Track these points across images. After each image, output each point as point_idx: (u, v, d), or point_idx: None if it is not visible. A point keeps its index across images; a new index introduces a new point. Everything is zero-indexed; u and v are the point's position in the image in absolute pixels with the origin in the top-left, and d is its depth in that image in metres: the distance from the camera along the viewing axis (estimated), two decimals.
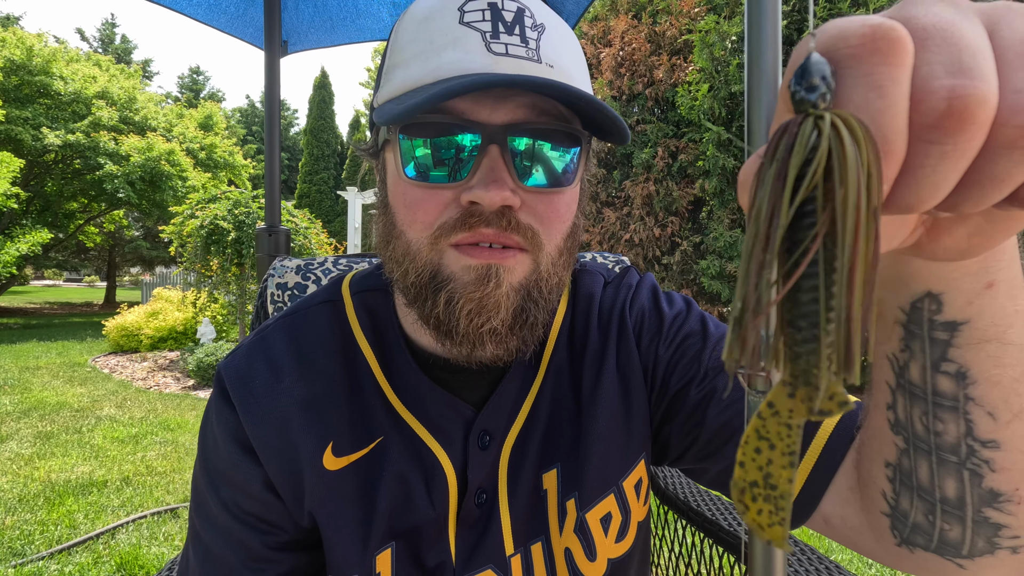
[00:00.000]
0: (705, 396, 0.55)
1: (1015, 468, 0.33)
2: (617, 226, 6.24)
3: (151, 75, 28.67)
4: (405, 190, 0.49)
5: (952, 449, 0.34)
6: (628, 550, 0.60)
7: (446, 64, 0.45)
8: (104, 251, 18.24)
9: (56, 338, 8.81)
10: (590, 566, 0.58)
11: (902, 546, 0.41)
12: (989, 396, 0.32)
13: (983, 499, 0.35)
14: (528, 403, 0.60)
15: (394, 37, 0.51)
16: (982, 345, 0.31)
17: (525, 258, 0.49)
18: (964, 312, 0.31)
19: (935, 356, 0.32)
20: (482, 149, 0.46)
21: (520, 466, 0.59)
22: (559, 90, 0.43)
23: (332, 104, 21.30)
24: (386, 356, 0.59)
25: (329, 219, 19.26)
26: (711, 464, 0.56)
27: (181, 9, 1.57)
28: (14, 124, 10.80)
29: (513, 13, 0.47)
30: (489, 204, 0.45)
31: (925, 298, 0.31)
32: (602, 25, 6.72)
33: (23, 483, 3.07)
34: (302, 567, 0.58)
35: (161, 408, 4.68)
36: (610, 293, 0.65)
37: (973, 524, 0.35)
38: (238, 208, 6.01)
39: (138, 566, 2.26)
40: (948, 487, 0.35)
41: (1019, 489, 0.34)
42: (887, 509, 0.41)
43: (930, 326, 0.32)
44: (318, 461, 0.55)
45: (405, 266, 0.50)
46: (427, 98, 0.41)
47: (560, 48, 0.49)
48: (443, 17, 0.47)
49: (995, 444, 0.33)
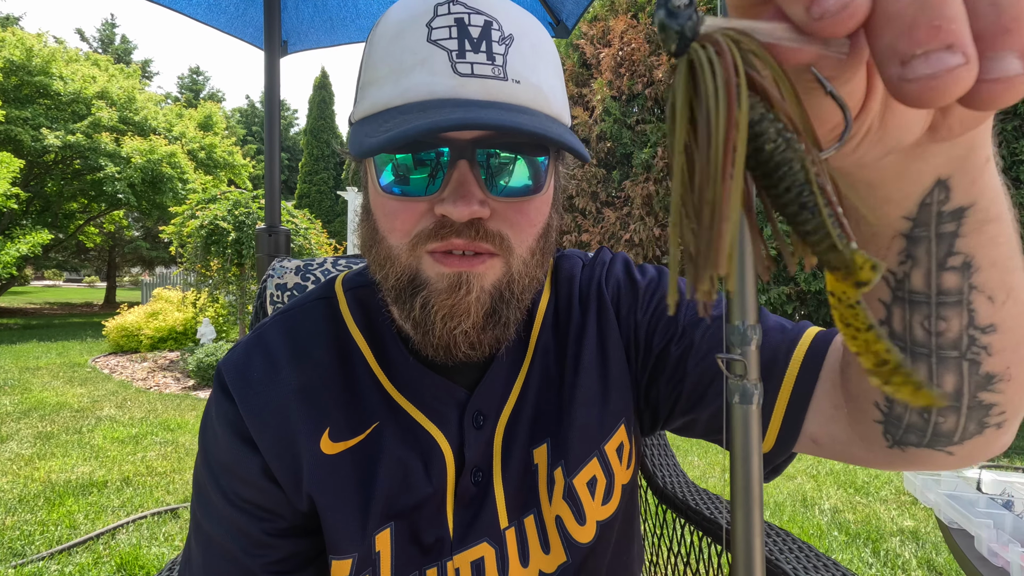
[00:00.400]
0: (684, 350, 0.60)
1: (1008, 347, 0.36)
2: (617, 226, 6.24)
3: (151, 75, 28.63)
4: (383, 201, 0.52)
5: (953, 344, 0.36)
6: (614, 512, 0.64)
7: (414, 87, 0.47)
8: (104, 251, 18.25)
9: (56, 338, 8.81)
10: (580, 530, 0.62)
11: (894, 447, 0.43)
12: (990, 280, 0.34)
13: (979, 385, 0.37)
14: (518, 383, 0.63)
15: (368, 51, 0.53)
16: (984, 227, 0.32)
17: (496, 262, 0.52)
18: (969, 194, 0.32)
19: (942, 253, 0.33)
20: (451, 164, 0.48)
21: (512, 443, 0.62)
22: (509, 130, 0.43)
23: (332, 104, 21.31)
24: (380, 346, 0.62)
25: (329, 219, 19.28)
26: (699, 411, 0.59)
27: (181, 9, 1.57)
28: (14, 124, 10.80)
29: (480, 28, 0.48)
30: (458, 218, 0.48)
31: (934, 189, 0.32)
32: (601, 25, 6.72)
33: (23, 483, 3.07)
34: (300, 552, 0.60)
35: (161, 408, 4.69)
36: (587, 272, 0.70)
37: (968, 411, 0.38)
38: (238, 208, 6.01)
39: (138, 566, 2.26)
40: (947, 382, 0.37)
41: (1010, 367, 0.36)
42: (880, 417, 0.43)
43: (938, 220, 0.33)
44: (315, 446, 0.58)
45: (387, 270, 0.54)
46: (389, 138, 0.43)
47: (530, 59, 0.50)
48: (412, 34, 0.48)
49: (993, 328, 0.35)
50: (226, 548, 0.58)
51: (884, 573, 2.31)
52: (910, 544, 2.56)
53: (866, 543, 2.57)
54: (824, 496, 3.09)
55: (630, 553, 0.70)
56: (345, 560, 0.58)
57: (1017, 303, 0.35)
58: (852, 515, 2.87)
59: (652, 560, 1.16)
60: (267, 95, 1.50)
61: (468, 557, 0.60)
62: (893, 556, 2.45)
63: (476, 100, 0.46)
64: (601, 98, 6.58)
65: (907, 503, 3.00)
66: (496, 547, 0.61)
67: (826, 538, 2.62)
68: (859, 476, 3.38)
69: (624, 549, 0.69)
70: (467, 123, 0.42)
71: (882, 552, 2.48)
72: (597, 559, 0.64)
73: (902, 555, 2.46)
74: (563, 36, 1.70)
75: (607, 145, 6.63)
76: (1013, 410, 0.39)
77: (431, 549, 0.60)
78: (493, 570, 0.60)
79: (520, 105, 0.48)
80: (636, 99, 6.29)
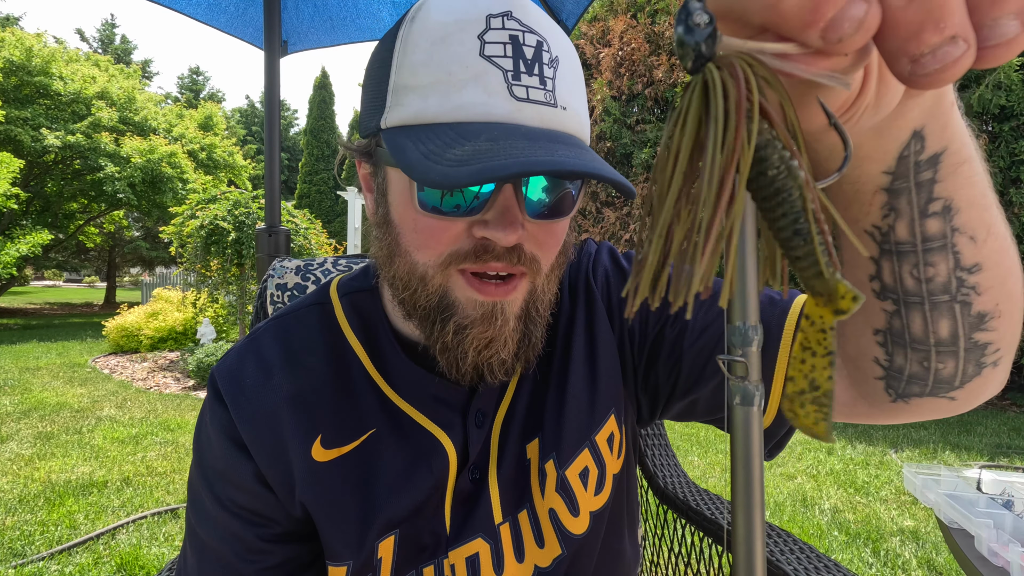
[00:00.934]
0: (679, 332, 0.60)
1: (995, 284, 0.37)
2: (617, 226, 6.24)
3: (151, 75, 28.61)
4: (416, 217, 0.49)
5: (943, 288, 0.37)
6: (606, 502, 0.64)
7: (468, 105, 0.45)
8: (104, 252, 18.24)
9: (56, 339, 8.80)
10: (574, 521, 0.62)
11: (897, 401, 0.44)
12: (969, 219, 0.35)
13: (973, 325, 0.38)
14: (514, 381, 0.64)
15: (402, 49, 0.48)
16: (959, 168, 0.34)
17: (525, 283, 0.52)
18: (942, 139, 0.33)
19: (922, 201, 0.35)
20: (498, 187, 0.47)
21: (507, 439, 0.62)
22: (579, 174, 0.42)
23: (332, 104, 21.29)
24: (377, 351, 0.62)
25: (329, 219, 19.27)
26: (698, 390, 0.60)
27: (181, 9, 1.57)
28: (13, 125, 10.79)
29: (533, 48, 0.47)
30: (504, 244, 0.47)
31: (911, 141, 0.33)
32: (601, 25, 6.72)
33: (23, 484, 3.07)
34: (295, 558, 0.60)
35: (161, 408, 4.68)
36: (574, 264, 0.70)
37: (965, 353, 0.39)
38: (238, 208, 6.01)
39: (138, 566, 2.26)
40: (942, 328, 0.39)
41: (999, 304, 0.38)
42: (880, 373, 0.44)
43: (916, 169, 0.34)
44: (307, 454, 0.57)
45: (414, 288, 0.52)
46: (477, 172, 0.40)
47: (571, 83, 0.49)
48: (462, 43, 0.45)
49: (978, 267, 0.36)
50: (221, 554, 0.58)
51: (884, 573, 2.31)
52: (910, 544, 2.56)
53: (866, 543, 2.57)
54: (824, 496, 3.09)
55: (625, 544, 0.70)
56: (342, 567, 0.58)
57: (997, 239, 0.36)
58: (852, 515, 2.87)
59: (653, 560, 1.16)
60: (267, 95, 1.50)
61: (463, 553, 0.60)
62: (893, 556, 2.45)
63: (535, 129, 0.45)
64: (601, 98, 6.58)
65: (907, 503, 3.00)
66: (491, 542, 0.61)
67: (826, 538, 2.62)
68: (859, 476, 3.38)
69: (615, 538, 0.69)
70: (555, 168, 0.41)
71: (882, 552, 2.48)
72: (591, 551, 0.64)
73: (902, 555, 2.46)
74: None
75: (607, 145, 6.64)
76: (1007, 346, 0.40)
77: (428, 547, 0.60)
78: (488, 565, 0.60)
79: (571, 135, 0.48)
80: (636, 99, 6.29)
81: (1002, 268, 0.37)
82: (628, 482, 0.70)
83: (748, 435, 0.25)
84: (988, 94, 4.90)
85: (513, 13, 0.47)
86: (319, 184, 20.13)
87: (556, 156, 0.42)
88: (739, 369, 0.28)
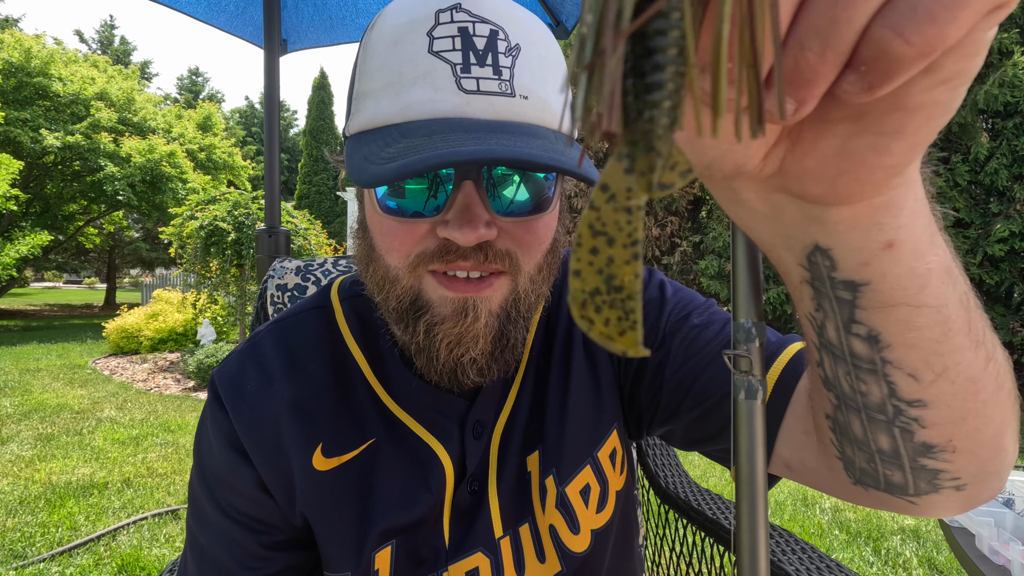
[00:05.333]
0: (662, 359, 0.58)
1: (946, 422, 0.32)
2: None
3: (150, 76, 28.56)
4: (380, 219, 0.50)
5: (879, 408, 0.32)
6: (609, 519, 0.63)
7: (415, 103, 0.44)
8: (104, 253, 18.25)
9: (56, 340, 8.80)
10: (575, 539, 0.61)
11: (857, 485, 0.41)
12: (907, 359, 0.29)
13: (917, 451, 0.34)
14: (514, 390, 0.62)
15: (362, 57, 0.49)
16: (890, 310, 0.28)
17: (504, 281, 0.50)
18: (861, 274, 0.27)
19: (844, 317, 0.29)
20: (456, 184, 0.46)
21: (507, 451, 0.61)
22: (520, 162, 0.41)
23: (331, 105, 21.31)
24: (377, 358, 0.60)
25: (329, 220, 19.28)
26: (674, 423, 0.58)
27: (181, 8, 1.57)
28: (13, 126, 10.80)
29: (485, 38, 0.45)
30: (464, 243, 0.46)
31: (816, 251, 0.27)
32: None
33: (24, 485, 3.07)
34: (296, 565, 0.59)
35: (162, 410, 4.68)
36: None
37: (912, 471, 0.35)
38: (238, 209, 6.01)
39: (139, 567, 2.26)
40: (881, 441, 0.34)
41: (952, 440, 0.33)
42: (837, 454, 0.40)
43: (831, 284, 0.28)
44: (307, 462, 0.56)
45: (386, 290, 0.52)
46: (395, 170, 0.40)
47: (538, 71, 0.47)
48: (412, 43, 0.45)
49: (921, 403, 0.31)
50: (221, 560, 0.57)
51: (885, 572, 2.31)
52: (911, 543, 2.56)
53: (867, 542, 2.57)
54: (824, 495, 3.09)
55: (631, 560, 0.69)
56: None
57: (954, 382, 0.30)
58: (853, 514, 2.87)
59: (655, 560, 1.16)
60: (267, 94, 1.50)
61: (463, 567, 0.59)
62: (894, 555, 2.45)
63: (483, 121, 0.44)
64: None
65: None
66: (491, 556, 0.59)
67: (827, 537, 2.62)
68: None
69: (624, 556, 0.67)
70: (477, 157, 0.40)
71: (883, 551, 2.48)
72: (594, 568, 0.62)
73: (903, 553, 2.46)
74: (563, 37, 1.70)
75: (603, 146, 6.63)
76: (970, 476, 0.35)
77: (427, 561, 0.59)
78: None
79: (528, 124, 0.46)
80: None
81: (960, 408, 0.31)
82: (631, 496, 0.69)
83: (752, 428, 0.26)
84: (995, 90, 4.90)
85: (463, 5, 0.46)
86: (319, 185, 20.14)
87: (485, 145, 0.41)
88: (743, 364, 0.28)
